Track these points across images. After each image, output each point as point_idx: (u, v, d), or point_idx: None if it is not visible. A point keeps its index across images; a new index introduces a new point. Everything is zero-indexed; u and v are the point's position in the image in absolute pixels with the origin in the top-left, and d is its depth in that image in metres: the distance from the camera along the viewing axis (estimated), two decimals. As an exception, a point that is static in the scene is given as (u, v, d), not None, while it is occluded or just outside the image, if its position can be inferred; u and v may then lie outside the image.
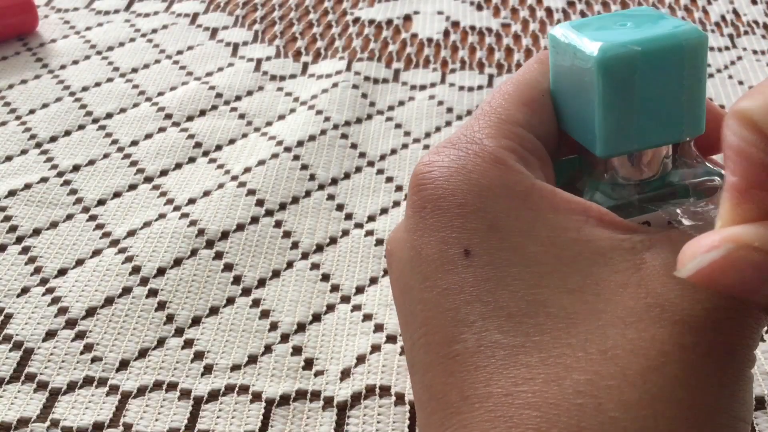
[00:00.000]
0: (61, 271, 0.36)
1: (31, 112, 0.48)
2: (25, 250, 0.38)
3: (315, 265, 0.37)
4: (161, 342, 0.33)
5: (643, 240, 0.21)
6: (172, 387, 0.31)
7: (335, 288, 0.36)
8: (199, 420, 0.30)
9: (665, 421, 0.18)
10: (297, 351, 0.33)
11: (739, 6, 0.58)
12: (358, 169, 0.43)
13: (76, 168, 0.43)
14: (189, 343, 0.33)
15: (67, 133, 0.46)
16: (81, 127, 0.46)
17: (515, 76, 0.25)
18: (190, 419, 0.30)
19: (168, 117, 0.47)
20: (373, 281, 0.36)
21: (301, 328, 0.34)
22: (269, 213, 0.39)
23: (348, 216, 0.40)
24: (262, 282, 0.36)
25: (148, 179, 0.42)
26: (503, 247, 0.21)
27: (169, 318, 0.34)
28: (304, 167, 0.42)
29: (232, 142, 0.45)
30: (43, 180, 0.42)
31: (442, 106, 0.48)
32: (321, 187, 0.41)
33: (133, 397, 0.31)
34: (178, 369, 0.32)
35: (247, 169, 0.42)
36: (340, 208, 0.40)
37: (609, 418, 0.18)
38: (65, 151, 0.44)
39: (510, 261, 0.20)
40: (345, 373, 0.32)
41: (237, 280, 0.36)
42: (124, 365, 0.32)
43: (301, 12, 0.59)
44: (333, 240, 0.38)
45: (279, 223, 0.39)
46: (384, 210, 0.40)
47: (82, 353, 0.32)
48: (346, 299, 0.35)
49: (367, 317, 0.34)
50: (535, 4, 0.59)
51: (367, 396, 0.31)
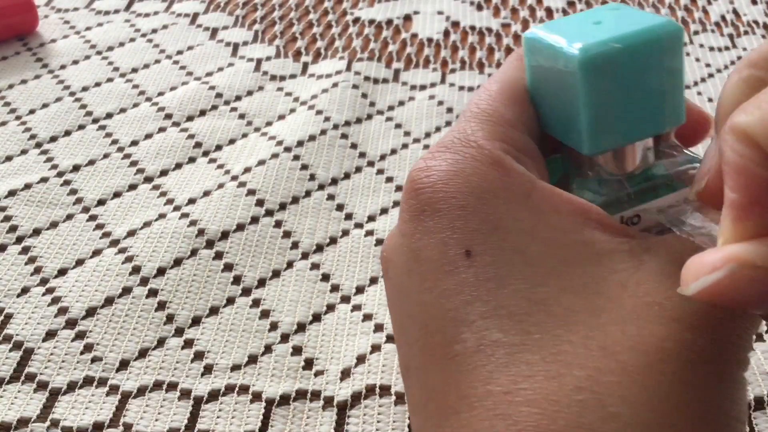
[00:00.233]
0: (61, 271, 0.36)
1: (31, 112, 0.48)
2: (25, 250, 0.38)
3: (315, 265, 0.37)
4: (161, 342, 0.33)
5: (641, 243, 0.21)
6: (172, 387, 0.31)
7: (335, 288, 0.36)
8: (199, 420, 0.30)
9: (664, 416, 0.18)
10: (297, 351, 0.33)
11: (739, 6, 0.58)
12: (358, 169, 0.43)
13: (76, 168, 0.43)
14: (189, 343, 0.33)
15: (67, 133, 0.46)
16: (81, 127, 0.46)
17: (498, 74, 0.25)
18: (190, 419, 0.30)
19: (168, 117, 0.47)
20: (373, 281, 0.36)
21: (301, 328, 0.34)
22: (269, 213, 0.39)
23: (348, 216, 0.40)
24: (262, 282, 0.36)
25: (148, 179, 0.42)
26: (505, 248, 0.21)
27: (169, 318, 0.34)
28: (304, 167, 0.42)
29: (232, 142, 0.45)
30: (43, 180, 0.42)
31: (442, 106, 0.48)
32: (321, 187, 0.41)
33: (133, 397, 0.31)
34: (178, 369, 0.32)
35: (247, 169, 0.42)
36: (340, 208, 0.40)
37: (609, 413, 0.18)
38: (65, 151, 0.44)
39: (511, 261, 0.20)
40: (345, 373, 0.32)
41: (237, 280, 0.36)
42: (124, 365, 0.32)
43: (301, 12, 0.59)
44: (333, 240, 0.38)
45: (279, 223, 0.39)
46: (384, 210, 0.40)
47: (82, 353, 0.32)
48: (346, 299, 0.35)
49: (367, 317, 0.34)
50: (535, 4, 0.59)
51: (367, 396, 0.31)
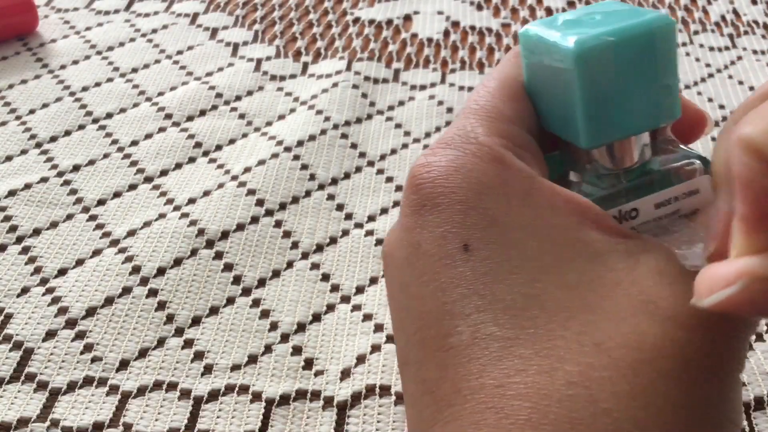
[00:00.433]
0: (61, 271, 0.36)
1: (31, 112, 0.48)
2: (25, 250, 0.38)
3: (315, 265, 0.37)
4: (161, 342, 0.33)
5: (638, 243, 0.21)
6: (172, 387, 0.31)
7: (335, 288, 0.36)
8: (199, 420, 0.30)
9: (656, 413, 0.18)
10: (297, 351, 0.33)
11: (739, 6, 0.58)
12: (358, 169, 0.43)
13: (76, 168, 0.43)
14: (189, 343, 0.33)
15: (67, 133, 0.46)
16: (81, 127, 0.46)
17: (496, 71, 0.25)
18: (190, 419, 0.30)
19: (168, 117, 0.47)
20: (373, 281, 0.36)
21: (301, 328, 0.34)
22: (269, 213, 0.39)
23: (348, 216, 0.40)
24: (262, 282, 0.36)
25: (148, 179, 0.42)
26: (503, 243, 0.21)
27: (169, 318, 0.34)
28: (304, 167, 0.42)
29: (232, 142, 0.45)
30: (43, 180, 0.42)
31: (442, 106, 0.48)
32: (321, 187, 0.41)
33: (133, 397, 0.31)
34: (178, 369, 0.32)
35: (247, 169, 0.42)
36: (340, 208, 0.40)
37: (600, 409, 0.18)
38: (65, 151, 0.44)
39: (509, 256, 0.20)
40: (345, 373, 0.32)
41: (237, 280, 0.36)
42: (124, 365, 0.32)
43: (301, 12, 0.59)
44: (333, 240, 0.38)
45: (279, 223, 0.39)
46: (384, 210, 0.40)
47: (82, 353, 0.32)
48: (346, 299, 0.35)
49: (367, 317, 0.34)
50: (535, 4, 0.59)
51: (367, 396, 0.31)
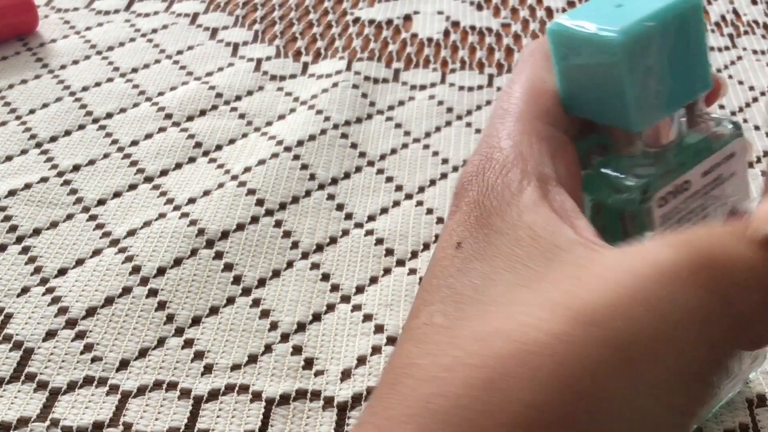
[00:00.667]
0: (61, 271, 0.36)
1: (31, 112, 0.48)
2: (25, 250, 0.38)
3: (315, 265, 0.37)
4: (161, 342, 0.33)
5: (616, 254, 0.21)
6: (172, 386, 0.31)
7: (335, 288, 0.36)
8: (199, 419, 0.30)
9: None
10: (297, 351, 0.33)
11: (739, 6, 0.58)
12: (358, 169, 0.43)
13: (76, 168, 0.43)
14: (189, 343, 0.33)
15: (67, 133, 0.46)
16: (81, 127, 0.46)
17: (516, 75, 0.26)
18: (190, 419, 0.30)
19: (168, 117, 0.47)
20: (373, 281, 0.36)
21: (301, 327, 0.34)
22: (269, 213, 0.39)
23: (348, 216, 0.40)
24: (262, 282, 0.36)
25: (148, 179, 0.42)
26: (486, 242, 0.22)
27: (169, 318, 0.34)
28: (304, 167, 0.42)
29: (232, 142, 0.45)
30: (43, 180, 0.42)
31: (442, 106, 0.48)
32: (321, 187, 0.41)
33: (133, 397, 0.31)
34: (178, 369, 0.32)
35: (247, 169, 0.42)
36: (340, 207, 0.40)
37: (499, 391, 0.18)
38: (65, 151, 0.44)
39: (486, 255, 0.22)
40: (345, 374, 0.32)
41: (237, 279, 0.36)
42: (124, 365, 0.32)
43: (301, 12, 0.59)
44: (333, 240, 0.38)
45: (279, 223, 0.39)
46: (384, 210, 0.40)
47: (82, 353, 0.32)
48: (346, 299, 0.35)
49: (368, 317, 0.34)
50: (535, 4, 0.59)
51: (368, 397, 0.31)
